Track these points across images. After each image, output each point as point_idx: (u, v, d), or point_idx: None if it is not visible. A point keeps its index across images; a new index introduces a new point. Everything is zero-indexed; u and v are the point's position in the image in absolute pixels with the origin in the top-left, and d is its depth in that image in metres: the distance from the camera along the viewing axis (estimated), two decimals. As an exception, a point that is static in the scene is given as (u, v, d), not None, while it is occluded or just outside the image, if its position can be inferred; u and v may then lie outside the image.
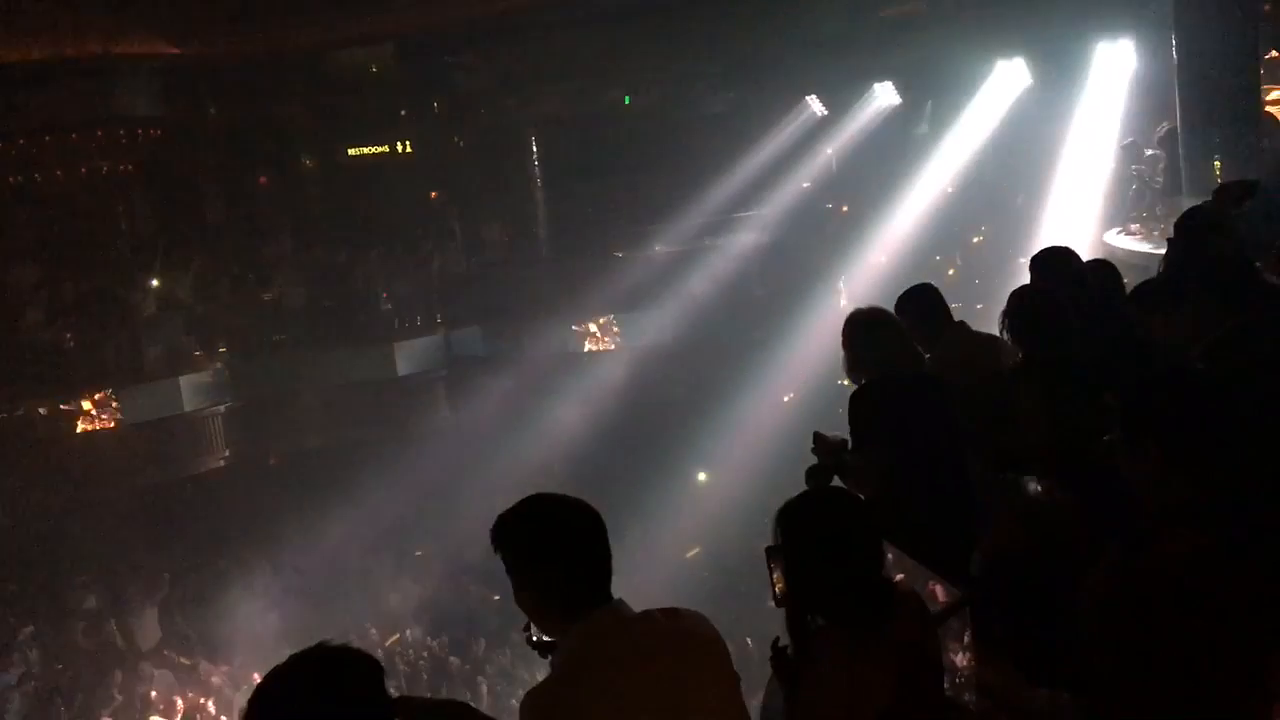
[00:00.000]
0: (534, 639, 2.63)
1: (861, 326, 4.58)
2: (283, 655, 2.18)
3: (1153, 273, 5.52)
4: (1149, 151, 12.24)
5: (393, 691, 2.21)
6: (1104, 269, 5.34)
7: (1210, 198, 6.93)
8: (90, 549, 15.57)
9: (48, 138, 17.78)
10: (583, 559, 2.55)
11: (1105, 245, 11.89)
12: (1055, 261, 5.11)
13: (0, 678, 13.54)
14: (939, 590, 3.94)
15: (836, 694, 2.64)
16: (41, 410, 16.75)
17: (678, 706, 2.52)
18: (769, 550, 2.78)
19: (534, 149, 19.99)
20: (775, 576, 2.77)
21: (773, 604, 2.83)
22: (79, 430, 16.74)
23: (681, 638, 2.60)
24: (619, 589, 2.62)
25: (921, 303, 5.03)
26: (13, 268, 17.79)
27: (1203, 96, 10.27)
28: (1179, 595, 2.22)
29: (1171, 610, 2.22)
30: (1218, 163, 10.13)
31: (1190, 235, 5.01)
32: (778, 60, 17.54)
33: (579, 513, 2.58)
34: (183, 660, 14.34)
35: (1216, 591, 2.21)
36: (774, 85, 18.13)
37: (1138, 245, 10.99)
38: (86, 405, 16.78)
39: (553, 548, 2.55)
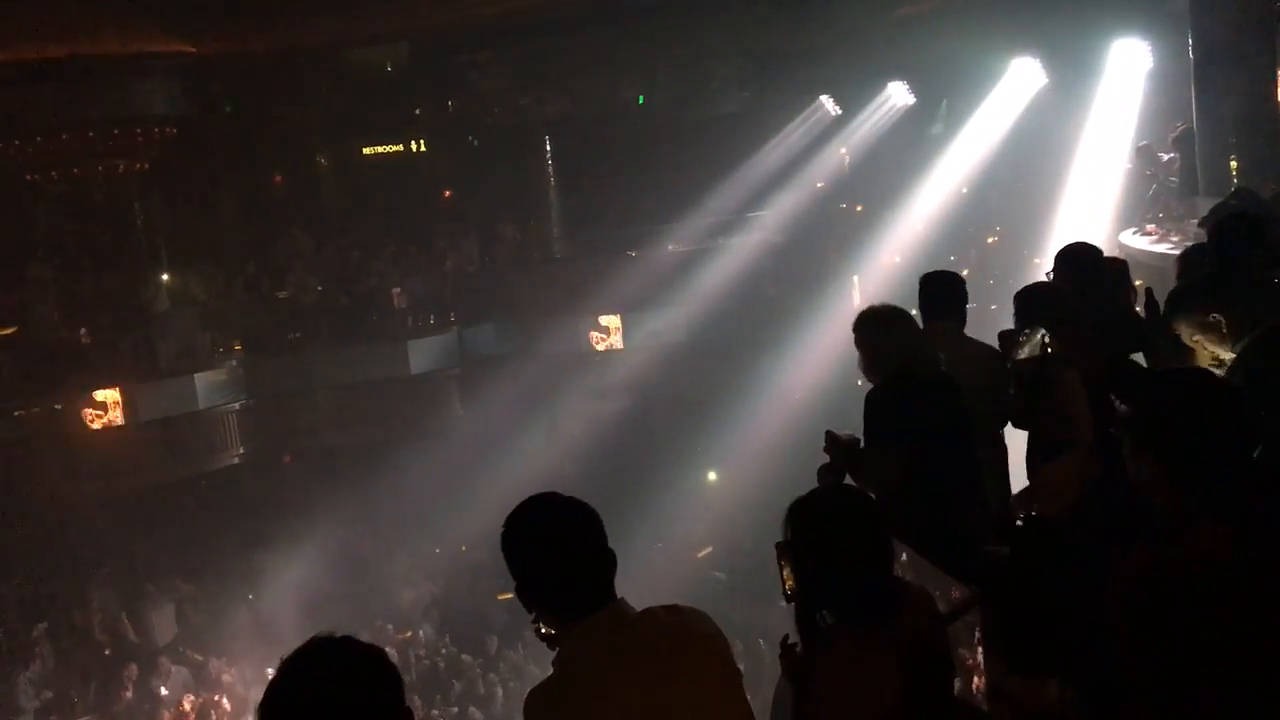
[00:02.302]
0: (543, 630, 2.64)
1: (878, 323, 4.56)
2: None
3: (1168, 273, 5.48)
4: (1165, 156, 12.18)
5: (408, 694, 2.22)
6: (1114, 265, 5.32)
7: (1226, 197, 6.90)
8: (105, 546, 15.64)
9: (64, 136, 17.88)
10: (580, 560, 2.56)
11: (1121, 245, 11.84)
12: (1080, 258, 5.08)
13: (15, 673, 13.62)
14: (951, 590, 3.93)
15: (844, 691, 2.64)
16: (57, 407, 16.83)
17: (680, 704, 2.52)
18: (779, 546, 2.79)
19: (547, 148, 20.02)
20: (785, 573, 2.77)
21: (783, 600, 2.83)
22: (94, 427, 16.82)
23: (683, 635, 2.61)
24: (631, 589, 2.62)
25: (938, 283, 5.24)
26: (29, 265, 17.90)
27: (1218, 95, 10.22)
28: (1211, 588, 2.21)
29: (1203, 603, 2.21)
30: (1234, 162, 10.09)
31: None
32: (791, 60, 17.54)
33: (575, 514, 2.59)
34: (196, 657, 14.39)
35: (1248, 584, 2.20)
36: (787, 85, 18.13)
37: (1153, 245, 10.93)
38: (102, 402, 16.85)
39: (550, 550, 2.56)
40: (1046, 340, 4.22)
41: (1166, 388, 2.48)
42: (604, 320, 18.29)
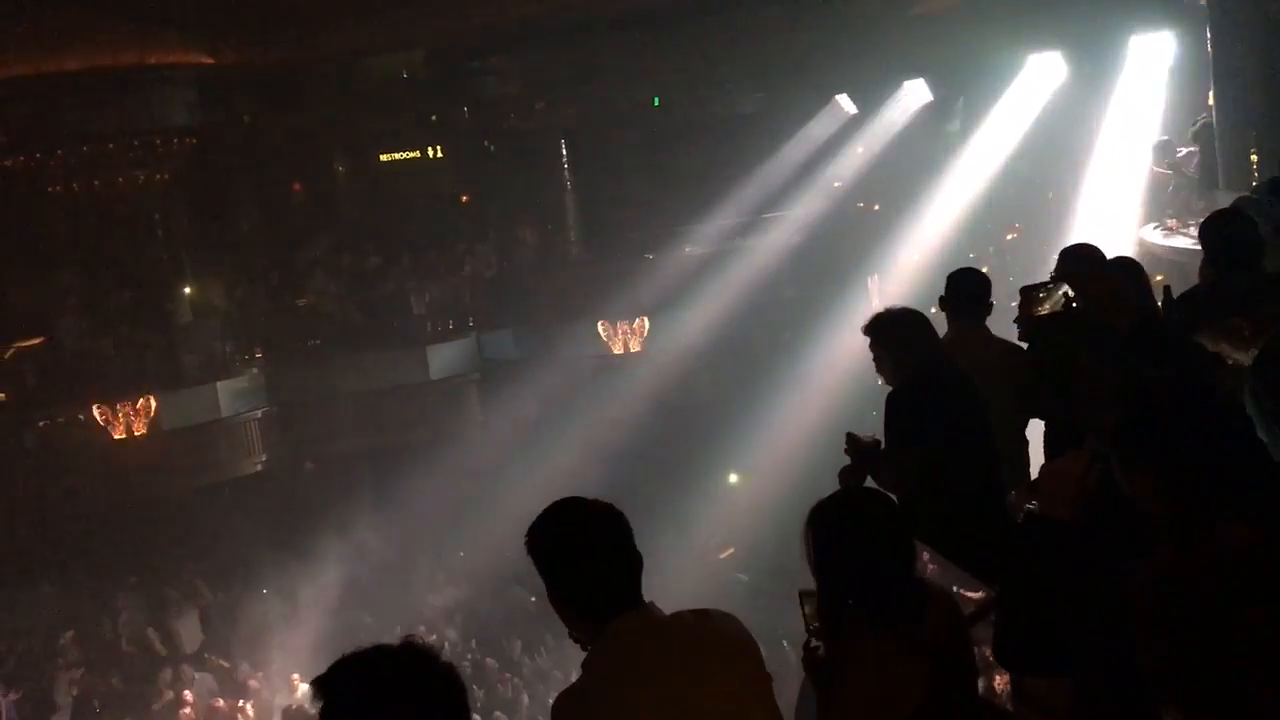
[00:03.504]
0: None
1: (895, 325, 4.55)
2: (320, 658, 2.16)
3: (1189, 268, 5.43)
4: (1182, 151, 12.11)
5: None
6: (1129, 266, 5.27)
7: (1247, 191, 6.82)
8: (131, 554, 15.75)
9: (85, 148, 18.01)
10: (609, 563, 2.56)
11: (1142, 241, 11.77)
12: (1083, 258, 5.04)
13: (45, 680, 13.74)
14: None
15: (868, 694, 2.64)
16: (81, 417, 16.98)
17: (709, 708, 2.51)
18: (802, 594, 2.79)
19: (563, 152, 20.04)
20: (808, 612, 2.78)
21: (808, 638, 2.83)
22: (119, 436, 16.96)
23: (712, 639, 2.60)
24: (653, 591, 2.62)
25: (966, 281, 5.17)
26: (53, 277, 18.07)
27: (1238, 89, 10.15)
28: (1235, 586, 2.20)
29: (1228, 601, 2.19)
30: (1254, 156, 10.01)
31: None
32: (807, 59, 17.49)
33: (603, 516, 2.59)
34: (222, 663, 14.48)
35: (1273, 581, 2.19)
36: (804, 85, 18.07)
37: (1174, 241, 10.88)
38: (126, 411, 16.99)
39: (578, 553, 2.55)
40: (1069, 295, 4.12)
41: (1157, 397, 2.47)
42: (622, 323, 18.30)
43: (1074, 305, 4.10)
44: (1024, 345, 4.84)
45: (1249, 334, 3.73)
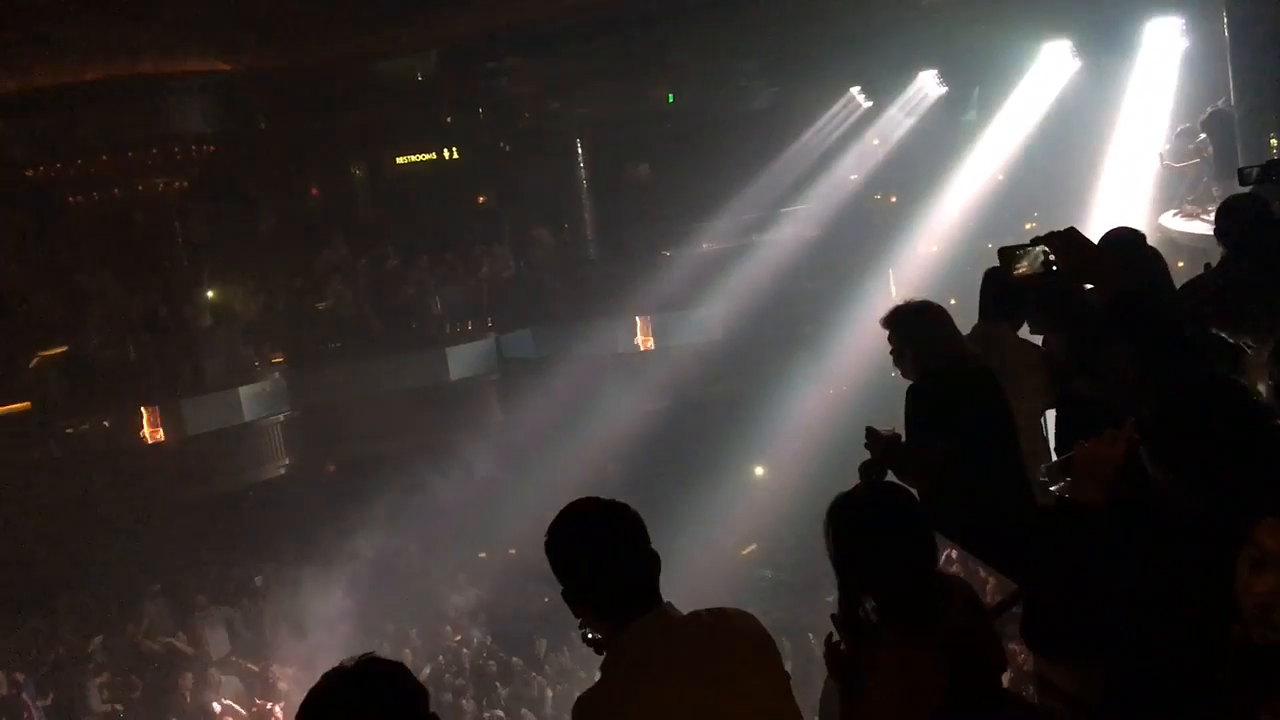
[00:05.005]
0: (589, 635, 2.66)
1: (913, 318, 4.54)
2: (347, 658, 2.23)
3: (1211, 254, 5.39)
4: (1202, 135, 12.05)
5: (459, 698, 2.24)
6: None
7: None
8: (158, 558, 15.87)
9: (104, 156, 18.13)
10: (623, 564, 2.57)
11: (1161, 228, 11.72)
12: (1125, 243, 4.97)
13: (75, 686, 13.86)
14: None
15: (890, 688, 2.64)
16: (106, 424, 17.11)
17: (727, 708, 2.52)
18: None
19: (579, 150, 20.05)
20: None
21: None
22: (144, 442, 17.09)
23: (730, 638, 2.61)
24: (676, 588, 2.63)
25: (1003, 283, 5.00)
26: (75, 285, 18.21)
27: (1256, 74, 10.07)
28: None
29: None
30: (1274, 140, 9.94)
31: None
32: (820, 53, 17.45)
33: (617, 517, 2.60)
34: (250, 666, 14.57)
35: None
36: (817, 79, 18.04)
37: (1193, 227, 10.83)
38: (150, 417, 17.11)
39: (592, 555, 2.57)
40: (1048, 255, 3.96)
41: (1177, 401, 2.46)
42: (641, 321, 18.31)
43: (1054, 268, 3.98)
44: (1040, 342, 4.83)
45: (1266, 321, 3.69)
